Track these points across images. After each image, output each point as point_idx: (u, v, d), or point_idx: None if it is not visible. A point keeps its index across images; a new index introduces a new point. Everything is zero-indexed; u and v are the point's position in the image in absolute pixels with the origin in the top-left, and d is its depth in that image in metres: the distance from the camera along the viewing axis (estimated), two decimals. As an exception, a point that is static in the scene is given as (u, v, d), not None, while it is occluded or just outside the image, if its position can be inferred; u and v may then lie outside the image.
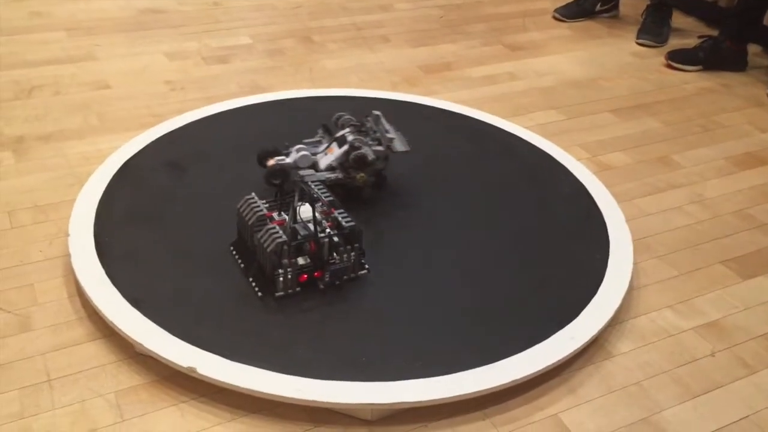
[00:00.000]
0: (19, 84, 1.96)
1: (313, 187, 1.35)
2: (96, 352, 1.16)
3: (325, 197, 1.33)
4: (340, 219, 1.27)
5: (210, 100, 1.91)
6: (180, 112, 1.84)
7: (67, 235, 1.34)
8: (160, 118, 1.81)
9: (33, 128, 1.75)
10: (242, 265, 1.30)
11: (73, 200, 1.45)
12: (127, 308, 1.18)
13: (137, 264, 1.29)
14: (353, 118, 1.54)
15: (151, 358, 1.13)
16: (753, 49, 2.41)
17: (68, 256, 1.30)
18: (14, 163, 1.62)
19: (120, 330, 1.14)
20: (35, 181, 1.56)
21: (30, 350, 1.16)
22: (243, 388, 1.07)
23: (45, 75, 2.01)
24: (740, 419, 1.12)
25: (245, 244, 1.31)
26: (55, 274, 1.31)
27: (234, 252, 1.33)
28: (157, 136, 1.69)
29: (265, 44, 2.30)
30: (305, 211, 1.27)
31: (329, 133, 1.53)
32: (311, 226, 1.24)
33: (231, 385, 1.07)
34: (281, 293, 1.23)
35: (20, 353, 1.15)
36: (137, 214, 1.42)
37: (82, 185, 1.49)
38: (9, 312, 1.23)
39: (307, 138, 1.53)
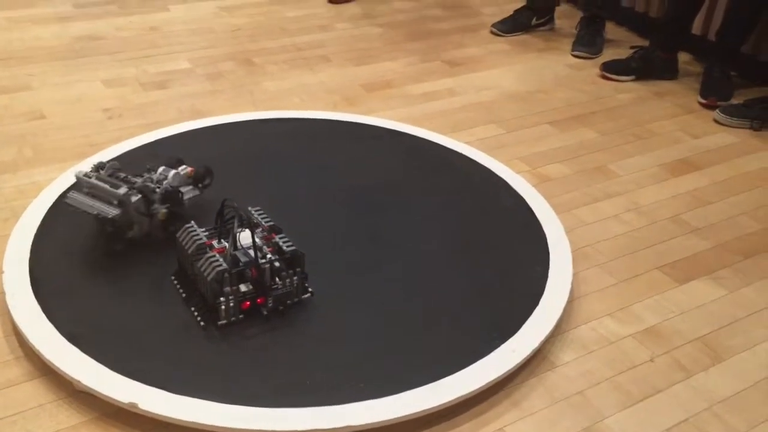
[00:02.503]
0: (-51, 117, 1.91)
1: (253, 212, 1.35)
2: (34, 391, 1.13)
3: (266, 222, 1.33)
4: (281, 244, 1.27)
5: (149, 127, 1.89)
6: (118, 140, 1.81)
7: (2, 272, 1.31)
8: (97, 147, 1.78)
9: (-35, 163, 1.71)
10: (184, 295, 1.28)
11: (8, 235, 1.41)
12: (65, 345, 1.16)
13: (75, 299, 1.27)
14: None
15: (92, 395, 1.11)
16: (683, 57, 2.49)
17: (3, 293, 1.27)
18: (-55, 199, 1.58)
19: (57, 368, 1.12)
20: (-32, 217, 1.52)
21: (-36, 394, 1.12)
22: (186, 422, 1.05)
23: (-23, 107, 1.97)
24: (680, 422, 1.15)
25: (186, 273, 1.30)
26: (-10, 313, 1.28)
27: (175, 282, 1.32)
28: (95, 166, 1.66)
29: (204, 68, 2.29)
30: (245, 237, 1.26)
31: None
32: (252, 252, 1.24)
33: (174, 419, 1.06)
34: (224, 321, 1.22)
35: (-46, 398, 1.12)
36: (74, 248, 1.40)
37: (17, 219, 1.46)
38: (-59, 355, 1.19)
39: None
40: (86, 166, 1.65)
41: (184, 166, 1.48)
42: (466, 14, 2.89)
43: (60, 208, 1.50)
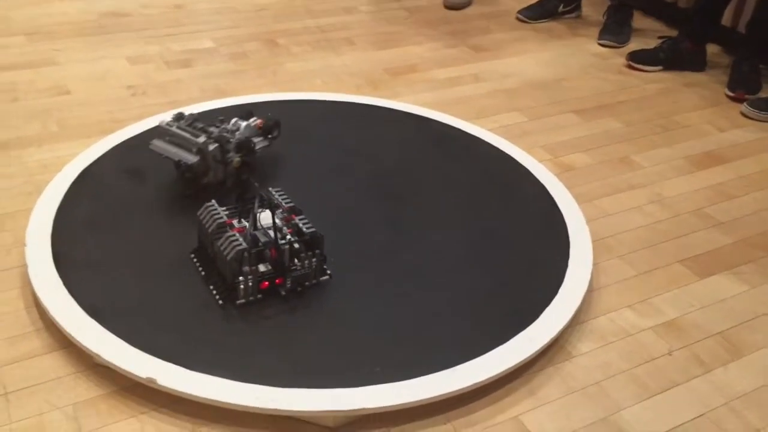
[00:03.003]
0: (-24, 90, 1.92)
1: (273, 193, 1.35)
2: (53, 363, 1.15)
3: (286, 203, 1.33)
4: (300, 225, 1.27)
5: (172, 105, 1.90)
6: (141, 117, 1.82)
7: (24, 245, 1.32)
8: (121, 124, 1.79)
9: (-10, 136, 1.73)
10: (203, 273, 1.29)
11: (31, 209, 1.43)
12: (85, 318, 1.17)
13: (96, 273, 1.28)
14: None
15: (110, 369, 1.12)
16: (712, 48, 2.45)
17: (25, 266, 1.28)
18: (-29, 171, 1.59)
19: (77, 341, 1.13)
20: (-8, 189, 1.54)
21: (-14, 364, 1.14)
22: (203, 398, 1.06)
23: (3, 81, 1.98)
24: (696, 417, 1.14)
25: (206, 251, 1.31)
26: (12, 285, 1.29)
27: (195, 260, 1.32)
28: (118, 142, 1.67)
29: (228, 47, 2.29)
30: (265, 217, 1.26)
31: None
32: (271, 232, 1.24)
33: (191, 395, 1.06)
34: (242, 301, 1.23)
35: (-24, 367, 1.13)
36: (96, 223, 1.41)
37: (41, 194, 1.47)
38: (-36, 325, 1.21)
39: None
40: (109, 142, 1.66)
41: (254, 118, 1.56)
42: (491, 0, 2.86)
43: (83, 182, 1.51)
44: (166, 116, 1.51)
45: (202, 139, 1.43)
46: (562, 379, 1.19)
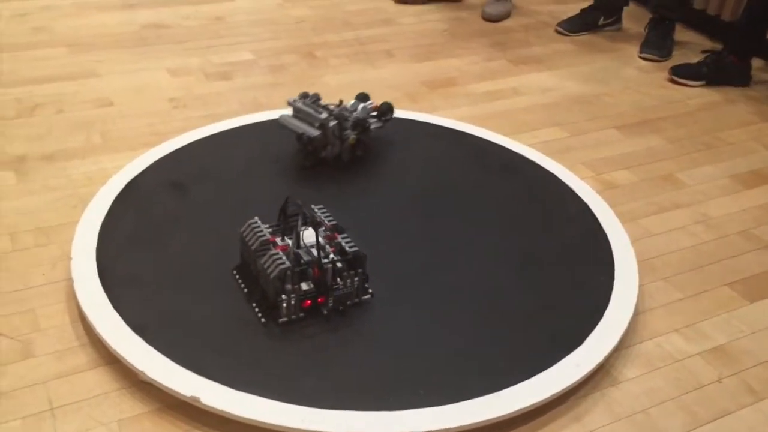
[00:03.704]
0: (21, 102, 1.95)
1: (316, 211, 1.35)
2: (99, 379, 1.15)
3: (328, 221, 1.32)
4: (343, 244, 1.27)
5: (212, 118, 1.91)
6: (182, 130, 1.83)
7: (70, 258, 1.34)
8: (162, 137, 1.80)
9: (35, 147, 1.75)
10: (245, 290, 1.29)
11: (77, 222, 1.44)
12: (130, 335, 1.17)
13: (140, 288, 1.29)
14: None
15: (154, 386, 1.12)
16: (757, 63, 2.40)
17: (71, 280, 1.29)
18: (16, 183, 1.61)
19: (123, 358, 1.14)
20: (38, 202, 1.55)
21: (32, 378, 1.15)
22: (246, 419, 1.06)
23: (47, 93, 2.01)
24: (748, 448, 1.11)
25: (248, 268, 1.31)
26: (58, 298, 1.30)
27: (237, 276, 1.32)
28: (160, 155, 1.68)
29: (267, 60, 2.30)
30: (308, 235, 1.26)
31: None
32: (314, 251, 1.24)
33: (235, 415, 1.06)
34: (285, 319, 1.23)
35: (22, 381, 1.14)
36: (140, 237, 1.42)
37: (85, 206, 1.49)
38: (11, 338, 1.22)
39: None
40: (152, 155, 1.68)
41: (370, 102, 1.73)
42: (530, 12, 2.84)
43: (127, 196, 1.53)
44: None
45: (324, 115, 1.59)
46: (607, 406, 1.17)
